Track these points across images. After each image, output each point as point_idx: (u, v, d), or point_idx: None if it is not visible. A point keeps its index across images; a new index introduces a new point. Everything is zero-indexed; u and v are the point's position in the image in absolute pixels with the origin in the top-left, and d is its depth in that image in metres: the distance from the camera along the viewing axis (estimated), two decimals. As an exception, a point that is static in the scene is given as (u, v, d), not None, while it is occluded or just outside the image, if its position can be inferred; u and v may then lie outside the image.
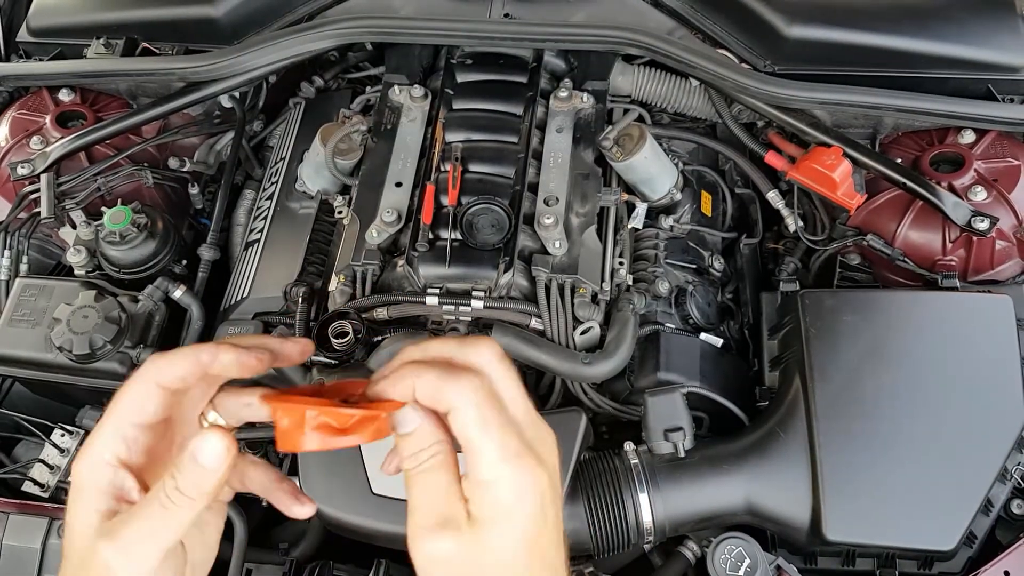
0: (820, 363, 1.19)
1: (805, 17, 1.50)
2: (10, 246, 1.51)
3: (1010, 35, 1.50)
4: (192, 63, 1.54)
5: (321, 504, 1.16)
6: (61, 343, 1.29)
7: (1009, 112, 1.43)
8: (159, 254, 1.46)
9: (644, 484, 1.13)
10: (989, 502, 1.13)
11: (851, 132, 1.49)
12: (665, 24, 1.56)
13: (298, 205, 1.50)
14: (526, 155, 1.37)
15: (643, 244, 1.43)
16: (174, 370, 0.66)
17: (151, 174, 1.57)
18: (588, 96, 1.48)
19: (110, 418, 0.65)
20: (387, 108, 1.50)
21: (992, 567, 1.12)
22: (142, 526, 0.61)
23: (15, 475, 1.28)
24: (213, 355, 0.66)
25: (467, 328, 1.27)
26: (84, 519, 0.63)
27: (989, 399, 1.17)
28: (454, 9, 1.57)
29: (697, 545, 1.20)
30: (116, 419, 0.65)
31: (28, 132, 1.57)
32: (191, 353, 0.66)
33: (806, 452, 1.13)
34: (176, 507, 0.62)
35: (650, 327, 1.34)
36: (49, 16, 1.72)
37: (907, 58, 1.48)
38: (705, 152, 1.63)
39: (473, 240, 1.26)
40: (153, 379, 0.65)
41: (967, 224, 1.32)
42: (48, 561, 1.16)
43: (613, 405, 1.32)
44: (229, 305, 1.42)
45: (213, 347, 0.67)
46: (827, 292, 1.35)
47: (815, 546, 1.14)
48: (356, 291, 1.29)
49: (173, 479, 0.62)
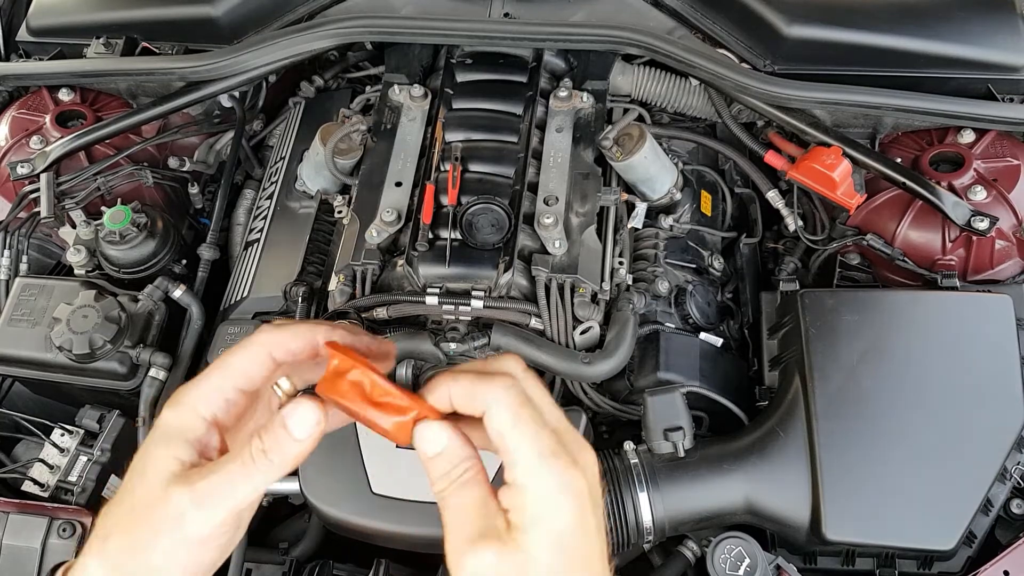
0: (820, 363, 1.19)
1: (805, 17, 1.50)
2: (10, 245, 1.51)
3: (1010, 35, 1.50)
4: (192, 63, 1.54)
5: (321, 504, 1.16)
6: (61, 343, 1.29)
7: (1009, 112, 1.43)
8: (159, 254, 1.46)
9: (644, 484, 1.13)
10: (989, 502, 1.13)
11: (851, 132, 1.49)
12: (665, 24, 1.56)
13: (298, 205, 1.51)
14: (526, 155, 1.37)
15: (643, 244, 1.43)
16: (289, 344, 0.66)
17: (151, 174, 1.57)
18: (588, 96, 1.48)
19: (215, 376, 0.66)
20: (387, 108, 1.50)
21: (992, 567, 1.12)
22: (221, 481, 0.61)
23: (15, 475, 1.28)
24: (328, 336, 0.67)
25: (467, 328, 1.27)
26: (163, 464, 0.63)
27: (989, 399, 1.17)
28: (454, 8, 1.57)
29: (697, 545, 1.20)
30: (222, 378, 0.65)
31: (28, 132, 1.57)
32: (308, 330, 0.67)
33: (806, 452, 1.13)
34: (257, 470, 0.62)
35: (650, 327, 1.34)
36: (49, 16, 1.72)
37: (907, 58, 1.48)
38: (705, 152, 1.63)
39: (473, 240, 1.26)
40: (267, 348, 0.66)
41: (967, 224, 1.32)
42: (48, 561, 1.16)
43: (613, 405, 1.32)
44: (229, 305, 1.42)
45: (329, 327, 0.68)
46: (827, 292, 1.35)
47: (815, 546, 1.14)
48: (356, 291, 1.29)
49: (260, 442, 0.62)
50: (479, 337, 1.24)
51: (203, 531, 0.62)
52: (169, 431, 0.64)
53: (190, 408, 0.65)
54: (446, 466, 0.64)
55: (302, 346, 0.67)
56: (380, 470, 1.15)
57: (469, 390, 0.63)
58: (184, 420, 0.65)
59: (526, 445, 0.61)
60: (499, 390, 0.62)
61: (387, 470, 1.15)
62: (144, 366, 1.33)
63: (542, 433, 0.62)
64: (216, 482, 0.62)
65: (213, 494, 0.61)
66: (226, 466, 0.62)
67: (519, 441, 0.61)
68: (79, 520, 1.17)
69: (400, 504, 1.12)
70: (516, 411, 0.62)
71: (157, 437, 0.65)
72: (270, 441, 0.63)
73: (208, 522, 0.61)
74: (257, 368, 0.66)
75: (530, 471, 0.61)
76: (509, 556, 0.59)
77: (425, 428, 0.65)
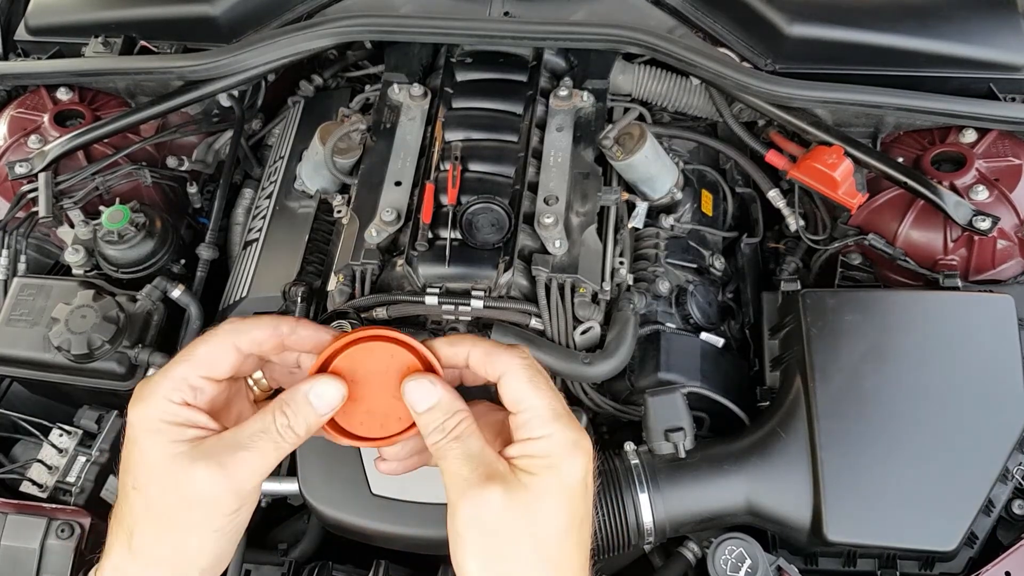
0: (821, 363, 1.19)
1: (806, 16, 1.50)
2: (8, 245, 1.51)
3: (1012, 34, 1.50)
4: (190, 62, 1.53)
5: (320, 504, 1.16)
6: (59, 343, 1.29)
7: (1011, 111, 1.43)
8: (157, 253, 1.45)
9: (644, 484, 1.12)
10: (990, 502, 1.13)
11: (852, 131, 1.48)
12: (666, 22, 1.56)
13: (297, 204, 1.50)
14: (526, 154, 1.37)
15: (643, 243, 1.43)
16: (253, 334, 0.68)
17: (149, 173, 1.57)
18: (588, 95, 1.47)
19: (179, 366, 0.67)
20: (386, 107, 1.50)
21: (993, 567, 1.11)
22: (250, 456, 0.64)
23: (13, 475, 1.28)
24: (292, 328, 0.69)
25: (467, 328, 1.26)
26: (164, 449, 0.64)
27: (990, 399, 1.16)
28: (454, 7, 1.57)
29: (698, 546, 1.20)
30: (186, 368, 0.67)
31: (26, 131, 1.56)
32: (271, 322, 0.69)
33: (807, 452, 1.13)
34: (283, 443, 0.65)
35: (650, 327, 1.34)
36: (47, 15, 1.72)
37: (908, 57, 1.48)
38: (706, 151, 1.62)
39: (473, 239, 1.26)
40: (231, 339, 0.68)
41: (968, 223, 1.32)
42: (46, 561, 1.15)
43: (613, 405, 1.31)
44: (228, 304, 1.42)
45: (293, 320, 0.70)
46: (828, 292, 1.35)
47: (816, 547, 1.13)
48: (355, 291, 1.29)
49: (285, 416, 0.65)
50: (479, 337, 1.23)
51: (233, 504, 0.64)
52: (151, 423, 0.66)
53: (161, 397, 0.66)
54: (441, 417, 0.66)
55: (265, 336, 0.69)
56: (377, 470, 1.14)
57: (489, 353, 0.67)
58: (160, 409, 0.66)
59: (543, 404, 0.65)
60: (516, 358, 0.67)
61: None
62: (143, 366, 1.33)
63: (556, 398, 0.66)
64: (246, 458, 0.64)
65: (244, 468, 0.64)
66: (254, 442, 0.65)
67: (537, 400, 0.65)
68: (78, 521, 1.17)
69: (399, 505, 1.11)
70: (532, 375, 0.66)
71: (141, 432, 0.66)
72: (293, 415, 0.65)
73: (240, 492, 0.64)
74: (222, 356, 0.68)
75: (547, 425, 0.64)
76: (516, 495, 0.61)
77: (416, 382, 0.67)
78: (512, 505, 0.61)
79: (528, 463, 0.63)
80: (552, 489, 0.62)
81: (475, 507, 0.62)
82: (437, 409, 0.66)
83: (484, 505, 0.61)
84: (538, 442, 0.64)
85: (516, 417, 0.66)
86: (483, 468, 0.63)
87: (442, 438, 0.65)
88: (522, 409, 0.66)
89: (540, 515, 0.62)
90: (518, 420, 0.66)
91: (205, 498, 0.63)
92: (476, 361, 0.68)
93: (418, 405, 0.66)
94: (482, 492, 0.62)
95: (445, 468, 0.65)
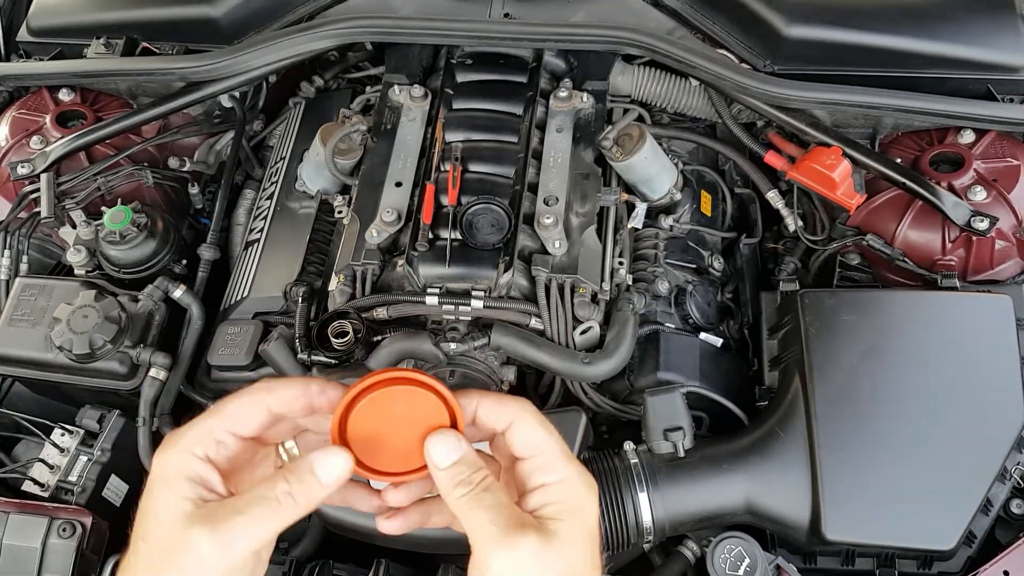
0: (820, 363, 1.19)
1: (805, 17, 1.50)
2: (10, 246, 1.51)
3: (1010, 35, 1.50)
4: (192, 63, 1.54)
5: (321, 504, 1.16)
6: (61, 343, 1.29)
7: (1009, 112, 1.43)
8: (159, 254, 1.46)
9: (644, 484, 1.13)
10: (988, 502, 1.13)
11: (851, 132, 1.49)
12: (665, 24, 1.56)
13: (298, 205, 1.51)
14: (526, 155, 1.37)
15: (643, 244, 1.43)
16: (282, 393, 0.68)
17: (151, 174, 1.57)
18: (588, 96, 1.48)
19: (209, 420, 0.67)
20: (387, 108, 1.50)
21: (991, 567, 1.12)
22: (244, 521, 0.63)
23: (15, 475, 1.28)
24: (322, 388, 0.69)
25: (467, 328, 1.27)
26: (174, 506, 0.64)
27: (989, 399, 1.17)
28: (454, 9, 1.57)
29: (697, 544, 1.20)
30: (215, 422, 0.67)
31: (28, 132, 1.57)
32: (302, 382, 0.69)
33: (806, 452, 1.13)
34: (282, 510, 0.64)
35: (650, 327, 1.34)
36: (49, 16, 1.72)
37: (907, 58, 1.48)
38: (705, 152, 1.63)
39: (473, 240, 1.26)
40: (262, 396, 0.68)
41: (967, 224, 1.32)
42: (48, 561, 1.16)
43: (613, 405, 1.32)
44: (229, 305, 1.42)
45: (324, 381, 0.70)
46: (827, 292, 1.35)
47: (815, 546, 1.14)
48: (356, 291, 1.29)
49: (287, 483, 0.64)
50: (479, 337, 1.24)
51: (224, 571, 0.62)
52: (169, 473, 0.65)
53: (182, 449, 0.66)
54: (467, 471, 0.66)
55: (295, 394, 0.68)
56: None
57: (497, 405, 0.68)
58: (182, 460, 0.65)
59: (556, 450, 0.67)
60: (524, 407, 0.68)
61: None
62: (144, 366, 1.33)
63: (563, 442, 0.68)
64: (240, 522, 0.62)
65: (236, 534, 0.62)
66: (250, 506, 0.63)
67: (552, 443, 0.67)
68: (79, 520, 1.17)
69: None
70: (542, 422, 0.68)
71: (159, 482, 0.65)
72: (297, 484, 0.64)
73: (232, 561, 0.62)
74: (252, 414, 0.68)
75: (564, 467, 0.66)
76: (549, 544, 0.62)
77: (441, 437, 0.67)
78: (547, 551, 0.62)
79: (553, 510, 0.64)
80: (579, 532, 0.64)
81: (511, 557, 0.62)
82: (462, 463, 0.66)
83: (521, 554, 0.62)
84: (558, 487, 0.65)
85: (530, 461, 0.67)
86: (514, 518, 0.63)
87: (469, 491, 0.65)
88: (537, 452, 0.67)
89: (573, 558, 0.63)
90: (533, 464, 0.67)
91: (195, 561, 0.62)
92: (486, 411, 0.69)
93: (442, 460, 0.66)
94: (518, 541, 0.62)
95: (473, 520, 0.64)
